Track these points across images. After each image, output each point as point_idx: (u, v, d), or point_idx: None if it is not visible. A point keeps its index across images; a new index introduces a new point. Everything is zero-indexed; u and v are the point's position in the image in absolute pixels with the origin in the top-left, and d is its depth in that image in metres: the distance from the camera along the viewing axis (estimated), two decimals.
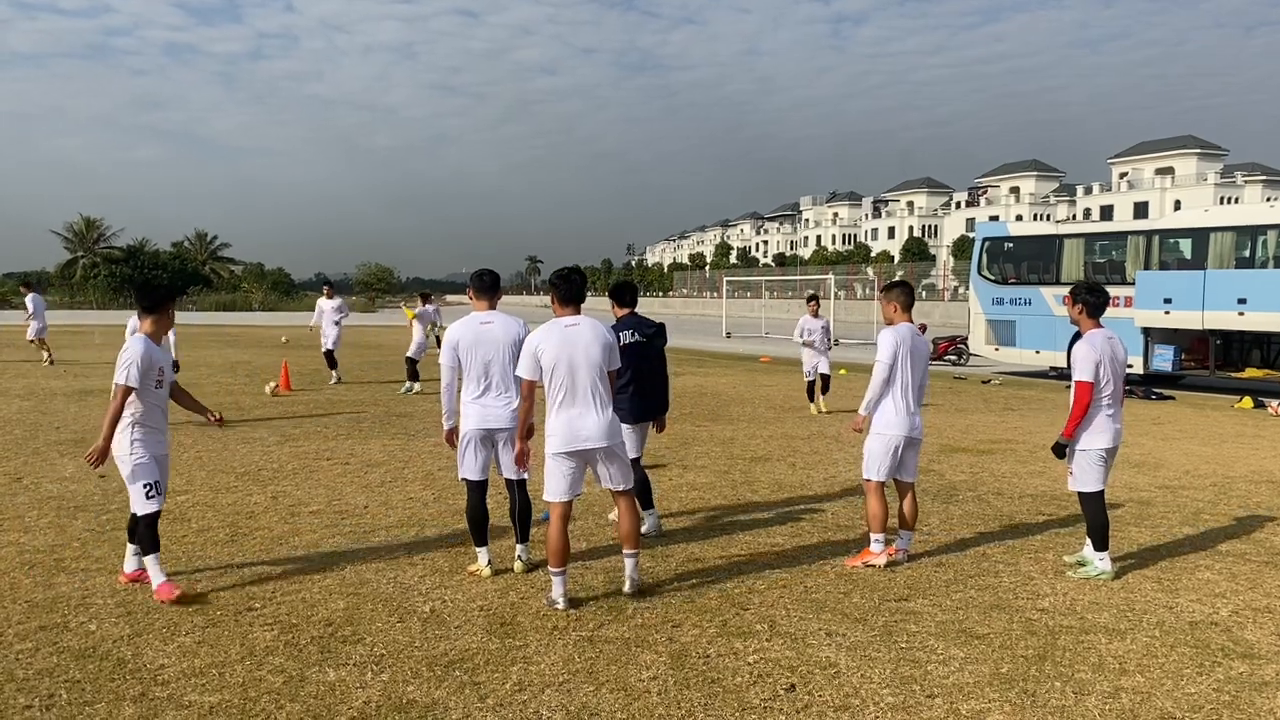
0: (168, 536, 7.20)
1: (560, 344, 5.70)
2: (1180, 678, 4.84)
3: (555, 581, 5.75)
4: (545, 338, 5.72)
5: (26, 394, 16.41)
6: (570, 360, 5.68)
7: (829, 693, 4.61)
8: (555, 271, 6.12)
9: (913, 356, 6.62)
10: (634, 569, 5.98)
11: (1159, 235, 20.23)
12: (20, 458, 10.38)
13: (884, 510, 6.67)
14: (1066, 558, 6.80)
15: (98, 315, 59.95)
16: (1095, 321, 6.57)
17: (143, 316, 6.13)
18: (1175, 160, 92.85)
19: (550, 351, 5.68)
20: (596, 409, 5.74)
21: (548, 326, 5.79)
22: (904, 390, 6.62)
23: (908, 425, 6.63)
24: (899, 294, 6.79)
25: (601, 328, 5.92)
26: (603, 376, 5.78)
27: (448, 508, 8.26)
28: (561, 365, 5.68)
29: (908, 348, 6.60)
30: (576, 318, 5.86)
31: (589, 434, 5.71)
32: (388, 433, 12.59)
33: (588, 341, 5.73)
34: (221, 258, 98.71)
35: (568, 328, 5.77)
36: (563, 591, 5.75)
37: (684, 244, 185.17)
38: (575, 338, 5.73)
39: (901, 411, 6.62)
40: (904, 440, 6.65)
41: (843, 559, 6.79)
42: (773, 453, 11.14)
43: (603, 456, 5.79)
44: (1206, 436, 13.14)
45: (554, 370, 5.68)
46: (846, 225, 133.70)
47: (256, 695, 4.50)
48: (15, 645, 5.06)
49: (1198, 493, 9.28)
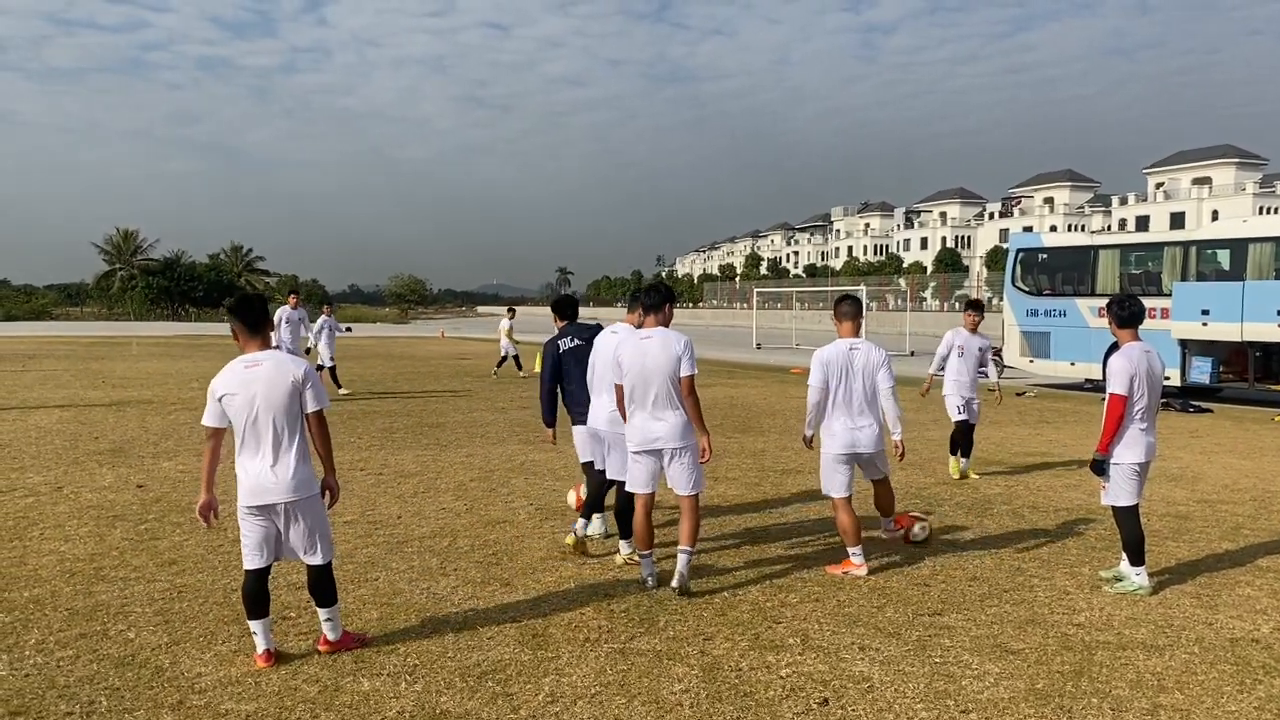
0: (204, 547, 7.30)
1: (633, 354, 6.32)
2: (1220, 695, 4.77)
3: (643, 563, 6.39)
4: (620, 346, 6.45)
5: (66, 404, 16.67)
6: (643, 368, 6.26)
7: (862, 707, 4.58)
8: (641, 287, 6.85)
9: (846, 371, 6.71)
10: (684, 565, 6.26)
11: (1196, 246, 19.98)
12: (60, 467, 10.54)
13: (854, 522, 6.75)
14: (1103, 573, 6.72)
15: (136, 326, 60.87)
16: (1133, 334, 6.51)
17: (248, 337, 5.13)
18: (1213, 170, 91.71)
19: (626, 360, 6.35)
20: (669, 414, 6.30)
21: (621, 336, 6.64)
22: (845, 407, 6.74)
23: (850, 441, 6.74)
24: (842, 305, 6.95)
25: (672, 338, 6.36)
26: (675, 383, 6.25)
27: (480, 519, 8.30)
28: (632, 374, 6.30)
29: (840, 365, 6.72)
30: (650, 331, 6.41)
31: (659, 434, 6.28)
32: (420, 443, 12.68)
33: (656, 352, 6.27)
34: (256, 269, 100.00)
35: (643, 340, 6.36)
36: (651, 572, 6.35)
37: (714, 255, 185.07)
38: (647, 349, 6.31)
39: (844, 428, 6.74)
40: (848, 456, 6.77)
41: (877, 574, 6.76)
42: (804, 465, 11.09)
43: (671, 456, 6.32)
44: (1246, 450, 12.94)
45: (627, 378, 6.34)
46: (878, 236, 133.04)
47: (292, 704, 4.54)
48: (56, 652, 5.14)
49: (1237, 507, 9.14)
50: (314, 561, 5.04)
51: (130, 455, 11.40)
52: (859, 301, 7.07)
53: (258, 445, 4.91)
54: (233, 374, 4.95)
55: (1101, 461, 6.44)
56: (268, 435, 4.90)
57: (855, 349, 6.77)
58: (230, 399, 4.90)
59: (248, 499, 4.92)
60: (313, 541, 5.02)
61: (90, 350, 33.35)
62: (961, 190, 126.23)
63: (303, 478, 4.95)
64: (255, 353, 5.01)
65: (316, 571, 5.06)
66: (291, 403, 4.92)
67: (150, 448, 11.97)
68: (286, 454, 4.93)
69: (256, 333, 5.08)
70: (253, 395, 4.88)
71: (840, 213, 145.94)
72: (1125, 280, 20.76)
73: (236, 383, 4.92)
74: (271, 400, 4.88)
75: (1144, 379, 6.33)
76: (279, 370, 4.93)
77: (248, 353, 5.03)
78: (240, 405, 4.88)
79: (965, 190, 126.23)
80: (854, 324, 6.91)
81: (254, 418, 4.88)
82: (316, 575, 5.07)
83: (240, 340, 5.09)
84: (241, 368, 4.95)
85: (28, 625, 5.54)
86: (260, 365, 4.94)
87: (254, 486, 4.89)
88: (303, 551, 5.02)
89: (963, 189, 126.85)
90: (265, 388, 4.88)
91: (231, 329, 5.11)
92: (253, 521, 4.94)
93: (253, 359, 4.98)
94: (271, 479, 4.89)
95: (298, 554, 5.03)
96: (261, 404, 4.88)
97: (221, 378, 4.97)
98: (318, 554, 5.03)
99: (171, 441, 12.51)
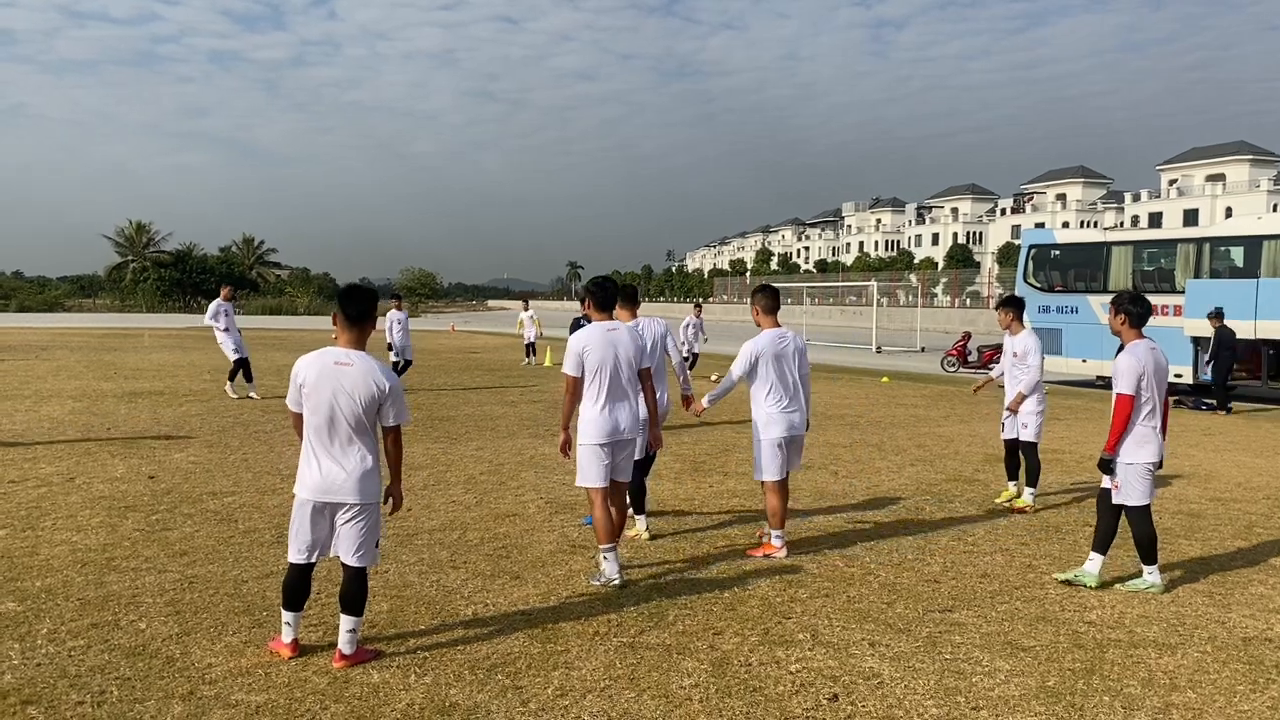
0: (215, 538, 7.32)
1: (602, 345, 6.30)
2: (1233, 694, 4.74)
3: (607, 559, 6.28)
4: (588, 339, 6.34)
5: (79, 395, 16.73)
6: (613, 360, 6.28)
7: (872, 703, 4.57)
8: (591, 279, 6.78)
9: (780, 360, 6.97)
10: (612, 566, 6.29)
11: (1210, 243, 19.86)
12: (73, 458, 10.58)
13: (783, 506, 7.04)
14: (1058, 575, 6.59)
15: (147, 318, 61.12)
16: (1138, 332, 6.45)
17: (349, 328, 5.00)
18: (1227, 167, 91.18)
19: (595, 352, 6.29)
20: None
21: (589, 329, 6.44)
22: (778, 393, 6.98)
23: (786, 425, 7.00)
24: (760, 298, 7.16)
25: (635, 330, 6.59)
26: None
27: (490, 512, 8.31)
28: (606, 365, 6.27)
29: (770, 354, 6.96)
30: (615, 322, 6.50)
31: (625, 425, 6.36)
32: (430, 436, 12.69)
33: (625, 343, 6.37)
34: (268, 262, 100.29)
35: (609, 331, 6.37)
36: (616, 569, 6.26)
37: (724, 250, 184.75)
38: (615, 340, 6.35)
39: (778, 413, 6.98)
40: (786, 440, 7.02)
41: (888, 570, 6.74)
42: (814, 460, 11.07)
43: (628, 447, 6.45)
44: (1259, 448, 12.87)
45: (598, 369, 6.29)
46: (890, 231, 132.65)
47: (302, 695, 4.54)
48: (68, 642, 5.16)
49: (1250, 505, 9.09)
50: (356, 564, 4.96)
51: (142, 446, 11.44)
52: (777, 293, 7.31)
53: (332, 442, 4.86)
54: (320, 367, 4.86)
55: (1109, 461, 6.38)
56: (343, 435, 4.86)
57: (783, 339, 7.06)
58: (312, 391, 4.84)
59: (313, 494, 4.87)
60: (362, 545, 4.96)
61: (102, 342, 33.48)
62: (973, 186, 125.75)
63: (371, 481, 4.93)
64: (348, 349, 4.94)
65: (354, 574, 4.99)
66: (370, 411, 4.88)
67: (162, 439, 12.01)
68: (360, 456, 4.89)
69: (356, 326, 4.96)
70: (334, 394, 4.81)
71: (851, 208, 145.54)
72: (1138, 277, 20.65)
73: (320, 376, 4.83)
74: (353, 405, 4.83)
75: (1151, 377, 6.28)
76: (366, 377, 4.85)
77: (340, 345, 4.95)
78: (321, 401, 4.82)
79: (977, 186, 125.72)
80: (775, 316, 7.18)
81: (332, 416, 4.84)
82: (353, 579, 4.99)
83: (338, 329, 5.01)
84: (331, 362, 4.86)
85: (40, 615, 5.56)
86: (351, 366, 4.86)
87: (323, 483, 4.86)
88: (349, 552, 4.96)
89: (974, 185, 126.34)
90: (349, 391, 4.82)
91: (333, 316, 5.04)
92: (312, 517, 4.91)
93: (345, 356, 4.88)
94: (342, 477, 4.85)
95: (343, 554, 4.97)
96: (342, 405, 4.81)
97: (308, 366, 4.89)
98: (363, 557, 4.98)
99: (183, 433, 12.55)
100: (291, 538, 4.97)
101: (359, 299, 4.97)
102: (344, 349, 4.94)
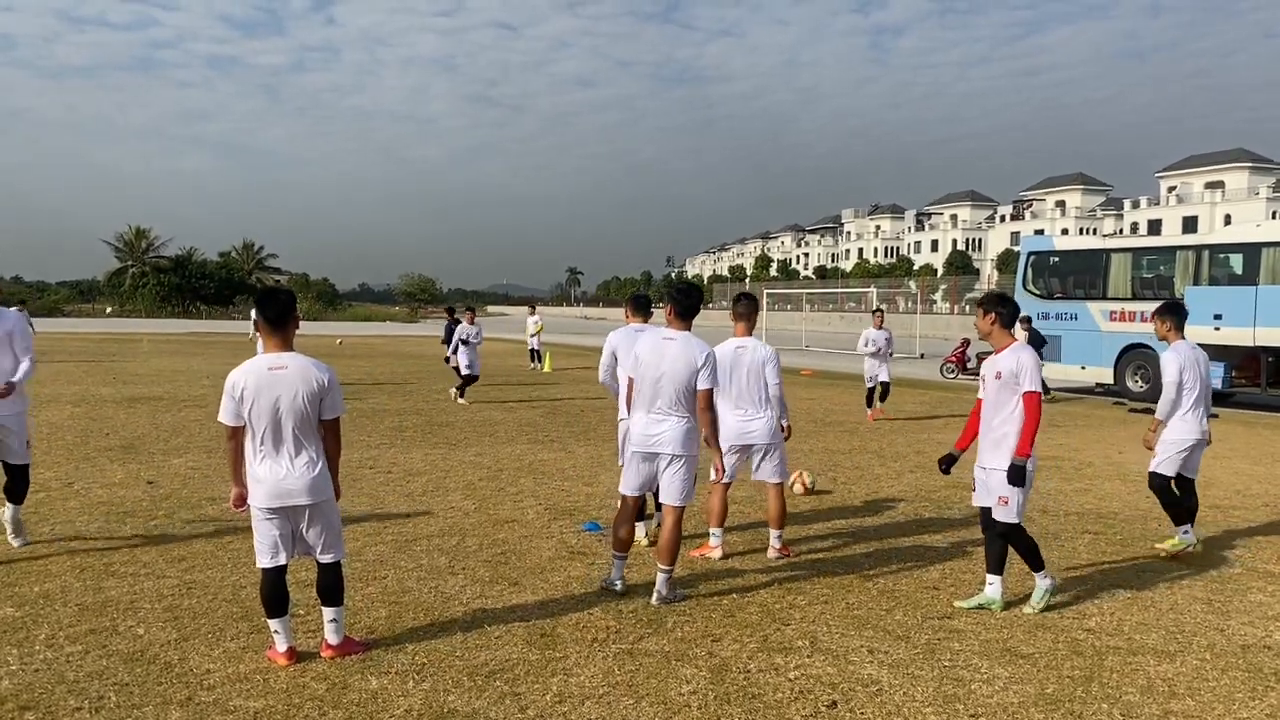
0: (213, 544, 7.32)
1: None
2: (1232, 702, 4.74)
3: (615, 565, 6.27)
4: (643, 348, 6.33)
5: (77, 400, 16.73)
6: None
7: (871, 710, 4.57)
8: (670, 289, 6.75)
9: (735, 369, 7.05)
10: (663, 585, 6.11)
11: (1209, 250, 19.89)
12: (71, 463, 10.58)
13: (722, 507, 7.11)
14: (957, 602, 6.18)
15: (146, 324, 61.09)
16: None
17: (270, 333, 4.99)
18: (1226, 174, 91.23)
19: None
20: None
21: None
22: (733, 399, 7.06)
23: (739, 431, 7.06)
24: (735, 305, 7.26)
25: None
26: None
27: (488, 518, 8.31)
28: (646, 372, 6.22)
29: (728, 362, 7.00)
30: (672, 331, 6.28)
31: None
32: (429, 442, 12.69)
33: (675, 355, 6.18)
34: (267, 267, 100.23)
35: (664, 340, 6.27)
36: (619, 575, 6.24)
37: (724, 256, 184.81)
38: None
39: (731, 420, 7.02)
40: (738, 447, 7.07)
41: (887, 577, 6.74)
42: (813, 467, 11.06)
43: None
44: (1258, 455, 12.87)
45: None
46: (889, 238, 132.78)
47: (300, 702, 4.54)
48: (66, 648, 5.15)
49: (1249, 513, 9.09)
50: (327, 560, 5.06)
51: (141, 452, 11.44)
52: (755, 301, 7.38)
53: (279, 448, 4.87)
54: (256, 375, 4.83)
55: (1020, 466, 5.82)
56: (289, 439, 4.88)
57: (741, 348, 7.10)
58: (251, 401, 4.82)
59: (268, 501, 4.89)
60: (328, 540, 5.04)
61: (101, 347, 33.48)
62: (972, 193, 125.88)
63: (322, 480, 4.97)
64: (279, 353, 4.93)
65: (328, 570, 5.07)
66: (313, 408, 4.90)
67: (161, 444, 12.00)
68: (308, 457, 4.92)
69: (279, 330, 4.94)
70: (276, 399, 4.80)
71: (851, 214, 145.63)
72: (1137, 284, 20.67)
73: (259, 385, 4.81)
74: (296, 406, 4.85)
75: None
76: (304, 375, 4.88)
77: (269, 351, 4.93)
78: (263, 409, 4.82)
79: (976, 193, 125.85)
80: (748, 323, 7.23)
81: (277, 421, 4.85)
82: (327, 573, 5.08)
83: (261, 335, 5.01)
84: (266, 369, 4.84)
85: (38, 620, 5.56)
86: (286, 369, 4.86)
87: (275, 489, 4.88)
88: (318, 550, 5.05)
89: (974, 191, 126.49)
90: (290, 393, 4.83)
91: (254, 321, 5.06)
92: (271, 523, 4.94)
93: (277, 360, 4.87)
94: (294, 481, 4.88)
95: (312, 553, 5.06)
96: (285, 408, 4.81)
97: (243, 376, 4.84)
98: (331, 552, 5.06)
99: (182, 438, 12.55)
100: (256, 545, 5.01)
101: (275, 303, 4.96)
102: (274, 354, 4.94)
